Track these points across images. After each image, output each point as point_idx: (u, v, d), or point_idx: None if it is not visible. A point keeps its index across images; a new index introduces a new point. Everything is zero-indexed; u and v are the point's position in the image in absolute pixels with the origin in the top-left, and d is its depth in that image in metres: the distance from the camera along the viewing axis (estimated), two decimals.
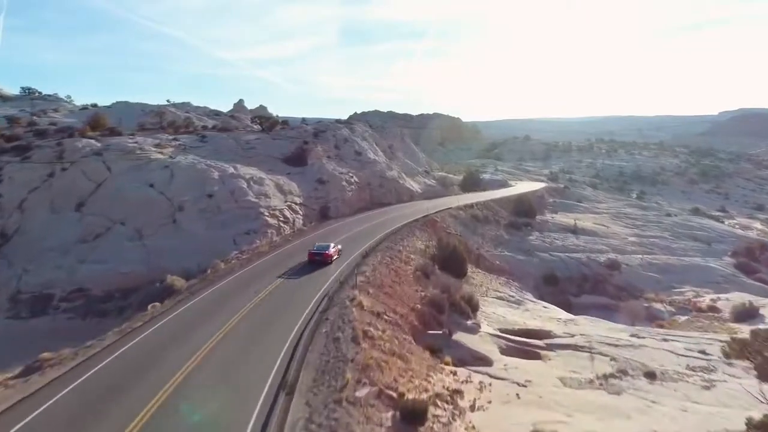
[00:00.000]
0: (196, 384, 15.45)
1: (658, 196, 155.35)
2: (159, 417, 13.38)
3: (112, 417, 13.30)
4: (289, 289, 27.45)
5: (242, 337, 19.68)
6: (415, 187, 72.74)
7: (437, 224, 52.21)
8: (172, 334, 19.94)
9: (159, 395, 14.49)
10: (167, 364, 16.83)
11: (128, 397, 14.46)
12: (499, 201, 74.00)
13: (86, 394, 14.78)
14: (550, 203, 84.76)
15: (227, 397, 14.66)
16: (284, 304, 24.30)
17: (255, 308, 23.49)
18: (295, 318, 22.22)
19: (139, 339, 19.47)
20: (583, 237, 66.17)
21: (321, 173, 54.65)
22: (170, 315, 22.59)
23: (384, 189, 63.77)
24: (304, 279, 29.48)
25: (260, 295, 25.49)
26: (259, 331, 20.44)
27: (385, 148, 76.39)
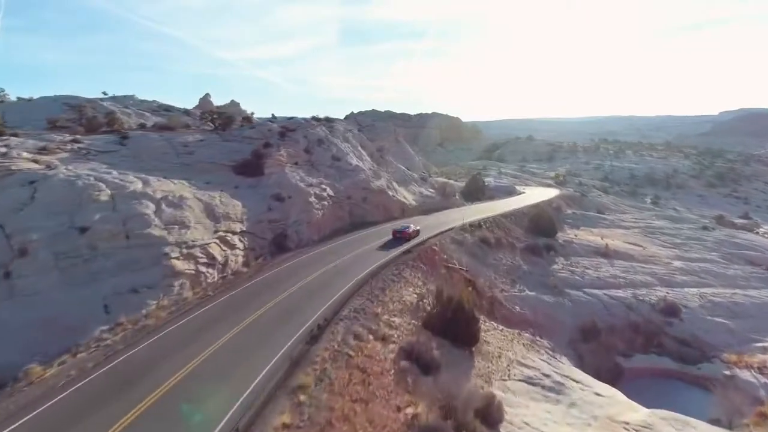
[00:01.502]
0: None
1: (674, 200, 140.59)
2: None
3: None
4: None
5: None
6: (409, 198, 57.79)
7: (436, 256, 37.30)
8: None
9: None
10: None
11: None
12: (511, 215, 59.12)
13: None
14: (569, 216, 69.83)
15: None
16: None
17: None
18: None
19: None
20: (619, 263, 51.25)
21: (280, 186, 39.74)
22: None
23: (368, 204, 48.85)
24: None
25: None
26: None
27: (373, 152, 61.44)
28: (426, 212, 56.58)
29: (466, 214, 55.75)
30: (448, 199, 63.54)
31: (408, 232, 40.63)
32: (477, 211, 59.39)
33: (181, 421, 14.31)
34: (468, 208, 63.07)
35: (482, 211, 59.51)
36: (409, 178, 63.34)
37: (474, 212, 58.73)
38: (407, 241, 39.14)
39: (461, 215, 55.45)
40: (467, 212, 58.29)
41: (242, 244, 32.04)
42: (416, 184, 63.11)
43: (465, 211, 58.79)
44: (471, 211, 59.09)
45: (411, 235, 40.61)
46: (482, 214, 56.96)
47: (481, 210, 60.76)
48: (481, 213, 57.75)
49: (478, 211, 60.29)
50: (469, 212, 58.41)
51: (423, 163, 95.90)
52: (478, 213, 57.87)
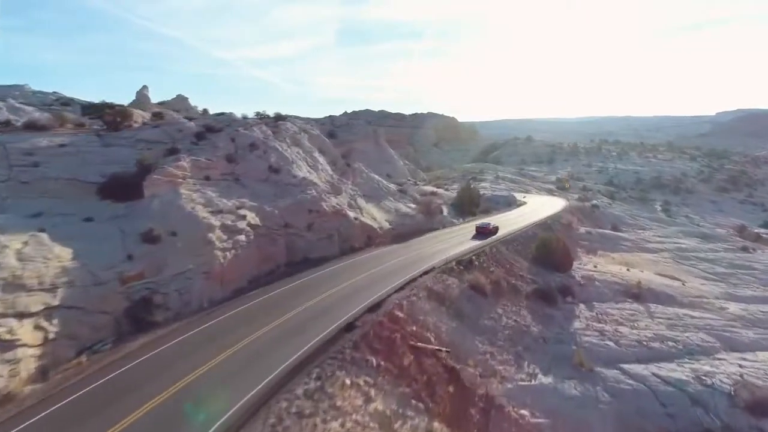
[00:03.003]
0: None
1: (685, 207, 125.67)
2: None
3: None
4: None
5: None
6: (381, 219, 43.05)
7: (397, 333, 22.72)
8: None
9: None
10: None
11: None
12: (513, 241, 44.44)
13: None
14: (582, 236, 55.12)
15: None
16: None
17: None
18: None
19: None
20: (659, 311, 36.64)
21: (163, 217, 25.07)
22: None
23: (317, 232, 34.17)
24: None
25: None
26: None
27: (336, 158, 46.68)
28: (401, 238, 41.89)
29: (452, 240, 41.11)
30: (433, 217, 48.83)
31: (489, 228, 45.12)
32: (468, 236, 44.71)
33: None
34: (457, 229, 48.37)
35: (475, 237, 44.86)
36: (383, 192, 48.62)
37: (464, 237, 44.06)
38: (489, 236, 43.35)
39: (447, 244, 40.80)
40: (455, 236, 43.62)
41: (43, 333, 17.44)
42: (392, 199, 48.38)
43: (453, 236, 44.12)
44: (460, 236, 44.43)
45: (492, 231, 45.02)
46: (474, 242, 42.30)
47: (474, 233, 46.08)
48: (474, 241, 43.09)
49: (470, 234, 45.60)
50: (457, 237, 43.74)
51: (409, 169, 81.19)
52: (470, 240, 43.21)
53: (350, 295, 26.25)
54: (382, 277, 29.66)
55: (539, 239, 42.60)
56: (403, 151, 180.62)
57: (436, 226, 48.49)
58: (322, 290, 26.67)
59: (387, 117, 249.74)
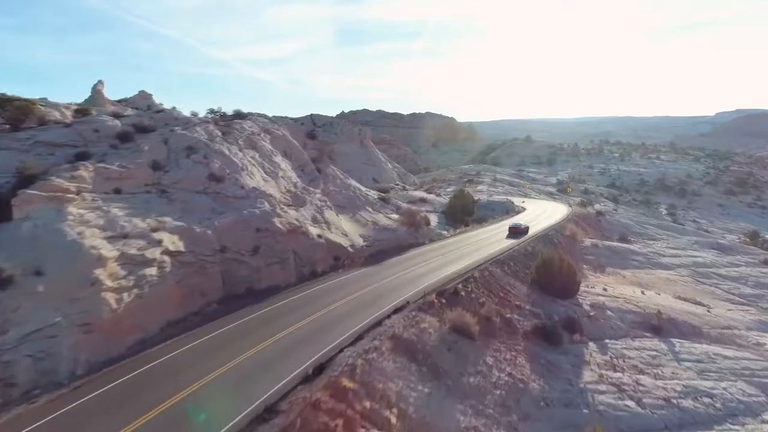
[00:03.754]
0: None
1: (692, 211, 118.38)
2: None
3: None
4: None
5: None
6: (354, 235, 36.01)
7: (342, 419, 15.81)
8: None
9: None
10: None
11: None
12: (509, 260, 37.38)
13: None
14: (588, 250, 48.00)
15: None
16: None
17: None
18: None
19: None
20: (686, 349, 29.54)
21: (30, 247, 18.11)
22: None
23: (267, 256, 27.16)
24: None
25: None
26: None
27: (305, 163, 39.62)
28: (377, 258, 34.85)
29: (436, 264, 34.06)
30: (418, 230, 41.83)
31: (521, 228, 46.18)
32: (458, 254, 37.71)
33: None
34: (445, 245, 41.31)
35: (466, 253, 37.83)
36: (361, 201, 41.57)
37: (453, 255, 37.05)
38: (522, 236, 44.54)
39: (431, 264, 33.81)
40: (441, 256, 36.58)
41: None
42: (371, 210, 41.31)
43: (437, 256, 37.08)
44: (447, 255, 37.40)
45: (524, 231, 46.06)
46: (464, 260, 35.26)
47: (464, 250, 39.08)
48: (463, 258, 36.05)
49: (459, 251, 38.61)
50: (443, 256, 36.71)
51: (399, 172, 74.10)
52: (459, 258, 36.19)
53: (287, 350, 19.29)
54: (337, 319, 22.68)
55: (540, 259, 35.50)
56: (400, 151, 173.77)
57: (421, 240, 41.47)
58: (251, 342, 19.71)
59: (385, 117, 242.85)
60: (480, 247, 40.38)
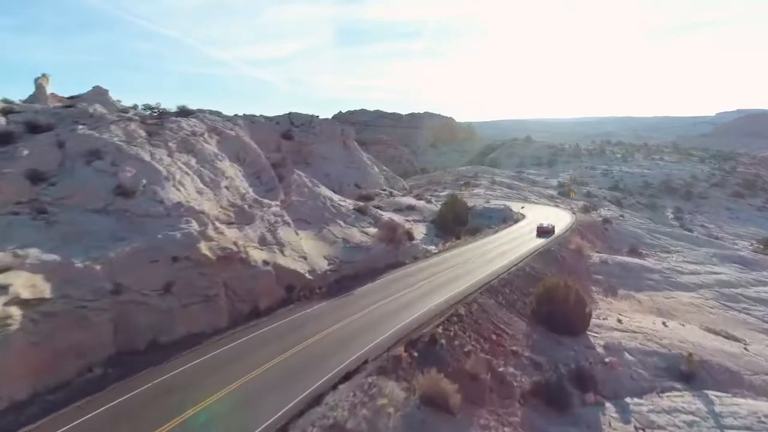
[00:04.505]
0: None
1: (699, 215, 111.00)
2: None
3: None
4: None
5: None
6: (317, 257, 29.16)
7: None
8: None
9: None
10: None
11: None
12: (505, 283, 30.52)
13: None
14: (596, 268, 41.03)
15: None
16: None
17: None
18: None
19: None
20: (726, 409, 22.66)
21: None
22: None
23: (186, 294, 20.34)
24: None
25: None
26: None
27: (261, 169, 32.66)
28: (344, 285, 28.02)
29: (414, 294, 27.18)
30: (399, 247, 34.98)
31: (548, 228, 45.91)
32: (444, 277, 30.84)
33: None
34: (430, 265, 34.38)
35: (453, 277, 30.97)
36: (331, 213, 34.70)
37: (438, 280, 30.18)
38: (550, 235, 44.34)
39: (410, 294, 26.97)
40: (423, 283, 29.68)
41: None
42: (343, 223, 34.44)
43: (420, 281, 30.17)
44: (432, 278, 30.53)
45: (551, 231, 45.83)
46: (450, 288, 28.40)
47: (451, 272, 32.19)
48: (450, 285, 29.19)
49: (446, 273, 31.72)
50: (427, 282, 29.82)
51: (387, 176, 67.17)
52: (444, 284, 29.31)
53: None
54: (260, 392, 15.89)
55: (542, 287, 28.60)
56: (397, 151, 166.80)
57: (402, 259, 34.62)
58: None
59: (383, 117, 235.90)
60: (471, 268, 33.52)
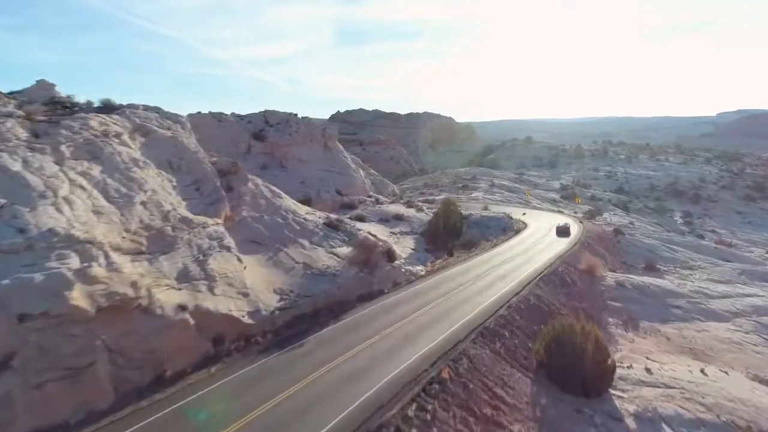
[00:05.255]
0: None
1: (709, 219, 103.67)
2: None
3: None
4: None
5: None
6: (264, 292, 22.43)
7: None
8: None
9: None
10: None
11: None
12: (503, 323, 23.82)
13: None
14: (611, 293, 34.16)
15: None
16: None
17: None
18: None
19: None
20: None
21: None
22: None
23: (37, 367, 13.72)
24: None
25: None
26: None
27: (205, 177, 25.90)
28: (293, 331, 21.19)
29: (385, 345, 20.33)
30: (374, 271, 28.22)
31: (566, 228, 47.01)
32: (428, 314, 24.00)
33: None
34: (413, 294, 27.54)
35: (439, 313, 24.14)
36: (291, 231, 27.95)
37: (420, 319, 23.35)
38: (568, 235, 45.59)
39: (374, 350, 20.11)
40: (400, 324, 22.83)
41: None
42: (307, 244, 27.68)
43: (396, 320, 23.32)
44: (413, 315, 23.69)
45: (568, 230, 46.91)
46: (433, 331, 21.62)
47: (437, 308, 25.33)
48: (434, 326, 22.37)
49: (430, 308, 24.90)
50: (405, 322, 22.99)
51: (374, 181, 60.35)
52: (427, 326, 22.49)
53: None
54: None
55: (551, 332, 21.78)
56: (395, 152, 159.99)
57: (380, 286, 27.87)
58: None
59: (381, 117, 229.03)
60: (463, 299, 26.75)
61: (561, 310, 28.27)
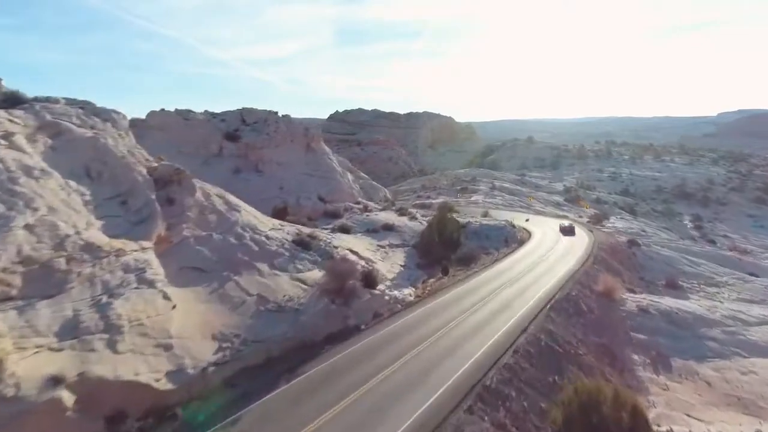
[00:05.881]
0: None
1: (719, 223, 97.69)
2: None
3: None
4: None
5: None
6: (197, 340, 16.90)
7: None
8: None
9: None
10: None
11: None
12: (505, 380, 18.36)
13: None
14: (636, 321, 28.58)
15: None
16: None
17: None
18: None
19: None
20: None
21: None
22: None
23: None
24: None
25: None
26: None
27: (134, 189, 20.34)
28: (229, 399, 15.77)
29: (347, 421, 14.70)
30: (349, 302, 22.66)
31: (570, 228, 48.35)
32: (408, 368, 18.40)
33: None
34: (395, 333, 21.89)
35: (425, 366, 18.51)
36: (247, 253, 22.44)
37: (397, 375, 17.76)
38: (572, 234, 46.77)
39: (350, 414, 14.45)
40: (375, 382, 17.24)
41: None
42: (266, 269, 22.17)
43: (370, 374, 17.71)
44: (395, 365, 18.09)
45: (572, 230, 48.21)
46: (417, 397, 16.07)
47: (422, 354, 19.70)
48: (417, 387, 16.79)
49: (418, 352, 19.34)
50: (381, 378, 17.40)
51: (364, 186, 54.77)
52: (409, 386, 16.94)
53: None
54: None
55: (573, 399, 16.21)
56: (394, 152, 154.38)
57: (356, 321, 22.31)
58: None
59: (381, 117, 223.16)
60: (457, 338, 21.20)
61: (579, 350, 22.71)
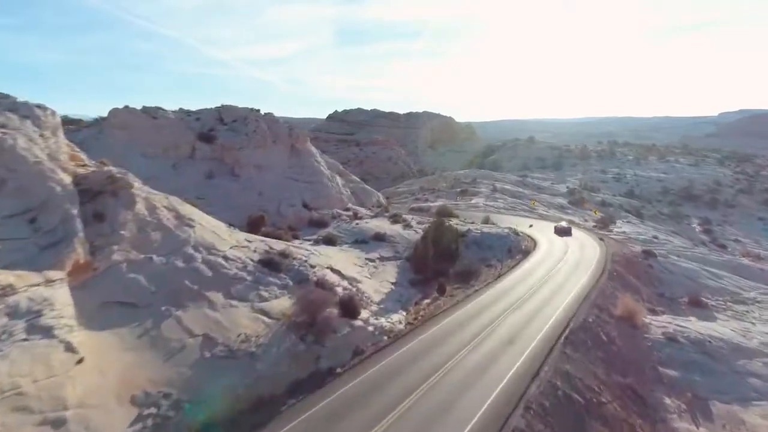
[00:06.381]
0: None
1: (729, 226, 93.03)
2: None
3: None
4: None
5: None
6: (110, 404, 12.66)
7: None
8: None
9: None
10: None
11: None
12: None
13: None
14: (664, 353, 24.25)
15: None
16: None
17: None
18: None
19: None
20: None
21: None
22: None
23: None
24: None
25: None
26: None
27: (47, 204, 16.04)
28: None
29: None
30: (322, 338, 18.32)
31: (566, 228, 49.06)
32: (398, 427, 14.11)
33: None
34: (372, 383, 17.51)
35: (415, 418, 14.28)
36: (195, 280, 18.13)
37: None
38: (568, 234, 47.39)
39: None
40: None
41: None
42: (216, 300, 17.99)
43: None
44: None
45: (569, 230, 48.76)
46: None
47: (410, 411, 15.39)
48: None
49: (393, 419, 15.03)
50: None
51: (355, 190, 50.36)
52: None
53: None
54: None
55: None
56: (393, 152, 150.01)
57: (330, 362, 17.99)
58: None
59: (380, 116, 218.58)
60: (453, 383, 16.88)
61: (602, 397, 18.36)
